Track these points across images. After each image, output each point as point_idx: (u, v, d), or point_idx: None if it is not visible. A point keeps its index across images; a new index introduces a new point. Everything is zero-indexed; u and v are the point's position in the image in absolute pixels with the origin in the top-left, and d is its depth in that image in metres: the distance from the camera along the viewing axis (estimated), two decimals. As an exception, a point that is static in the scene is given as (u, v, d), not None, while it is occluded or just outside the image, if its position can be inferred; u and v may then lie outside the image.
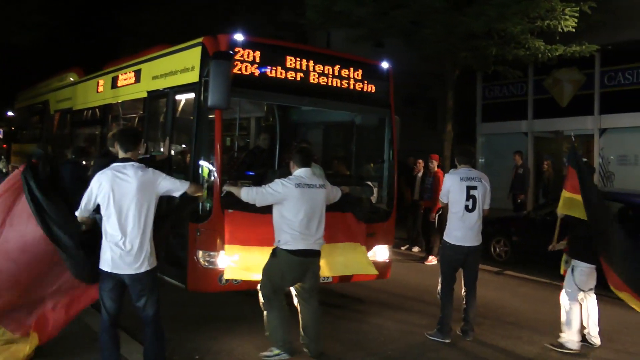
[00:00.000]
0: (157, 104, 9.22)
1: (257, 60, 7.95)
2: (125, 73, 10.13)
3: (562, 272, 7.88)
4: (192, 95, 8.09)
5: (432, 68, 18.55)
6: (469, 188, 7.62)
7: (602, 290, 7.88)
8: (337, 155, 10.97)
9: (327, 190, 6.85)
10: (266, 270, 6.70)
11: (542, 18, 14.73)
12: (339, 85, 8.61)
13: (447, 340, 7.73)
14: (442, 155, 16.46)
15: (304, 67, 8.31)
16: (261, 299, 6.79)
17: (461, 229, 7.65)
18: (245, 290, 7.87)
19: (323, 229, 6.75)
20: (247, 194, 6.64)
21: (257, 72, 7.96)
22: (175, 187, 5.84)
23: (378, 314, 8.92)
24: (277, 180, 6.60)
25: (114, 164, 5.69)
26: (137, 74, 9.69)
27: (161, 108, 9.12)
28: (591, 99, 18.48)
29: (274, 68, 8.09)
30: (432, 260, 13.41)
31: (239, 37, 7.78)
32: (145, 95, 9.27)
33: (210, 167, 7.67)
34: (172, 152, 8.61)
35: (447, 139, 17.29)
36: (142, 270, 5.59)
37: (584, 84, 18.66)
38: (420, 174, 14.77)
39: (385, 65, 9.08)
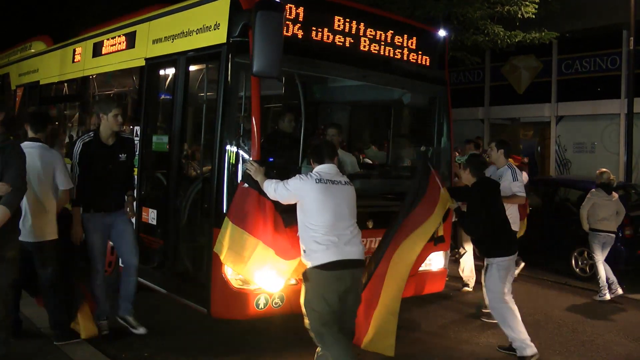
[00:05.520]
0: (158, 75, 6.63)
1: (301, 19, 5.62)
2: (114, 37, 7.38)
3: None
4: (213, 62, 5.70)
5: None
6: None
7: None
8: (376, 143, 8.65)
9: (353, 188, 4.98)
10: (306, 301, 4.76)
11: (503, 4, 13.44)
12: (393, 55, 6.36)
13: None
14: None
15: (353, 31, 6.00)
16: (313, 337, 4.77)
17: None
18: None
19: (357, 230, 4.76)
20: (269, 186, 4.93)
21: (300, 34, 5.61)
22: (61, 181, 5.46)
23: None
24: (296, 175, 4.87)
25: (26, 142, 5.29)
26: (131, 37, 7.02)
27: (165, 80, 6.55)
28: (548, 87, 17.35)
29: (320, 30, 5.77)
30: None
31: None
32: (142, 63, 6.67)
33: (246, 156, 5.31)
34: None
35: (404, 124, 15.52)
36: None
37: (541, 72, 17.52)
38: None
39: (442, 33, 6.84)
